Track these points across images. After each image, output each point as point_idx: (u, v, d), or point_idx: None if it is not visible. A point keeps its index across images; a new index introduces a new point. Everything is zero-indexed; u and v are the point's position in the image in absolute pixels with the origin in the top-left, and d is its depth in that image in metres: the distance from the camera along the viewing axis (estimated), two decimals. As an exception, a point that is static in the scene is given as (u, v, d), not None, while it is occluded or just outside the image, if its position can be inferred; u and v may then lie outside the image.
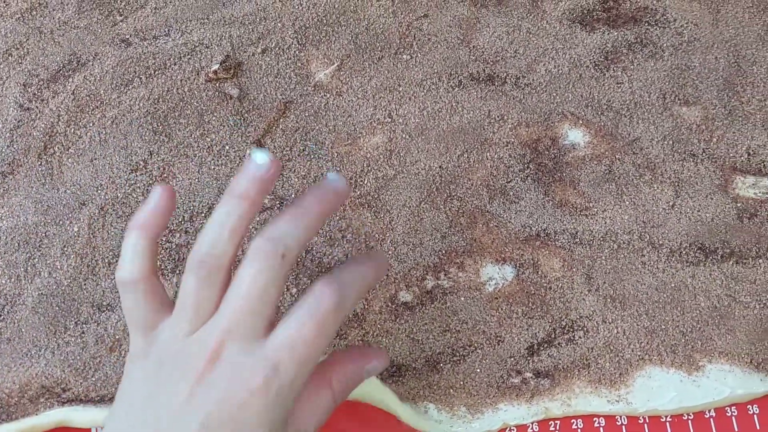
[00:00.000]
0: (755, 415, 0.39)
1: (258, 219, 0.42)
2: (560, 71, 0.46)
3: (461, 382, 0.39)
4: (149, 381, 0.31)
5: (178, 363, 0.30)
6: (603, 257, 0.41)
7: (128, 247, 0.32)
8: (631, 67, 0.46)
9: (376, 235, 0.42)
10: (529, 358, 0.39)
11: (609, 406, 0.38)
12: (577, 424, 0.39)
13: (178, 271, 0.41)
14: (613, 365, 0.39)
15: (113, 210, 0.42)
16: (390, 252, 0.41)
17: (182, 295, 0.31)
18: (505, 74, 0.46)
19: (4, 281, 0.41)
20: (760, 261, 0.41)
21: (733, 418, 0.39)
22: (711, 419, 0.39)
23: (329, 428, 0.36)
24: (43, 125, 0.44)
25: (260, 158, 0.31)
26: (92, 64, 0.46)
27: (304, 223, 0.31)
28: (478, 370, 0.39)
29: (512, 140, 0.44)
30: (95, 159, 0.43)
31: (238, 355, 0.29)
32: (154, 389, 0.30)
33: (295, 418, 0.31)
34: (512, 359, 0.39)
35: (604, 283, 0.41)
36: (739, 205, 0.42)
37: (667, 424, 0.39)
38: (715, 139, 0.44)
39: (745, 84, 0.45)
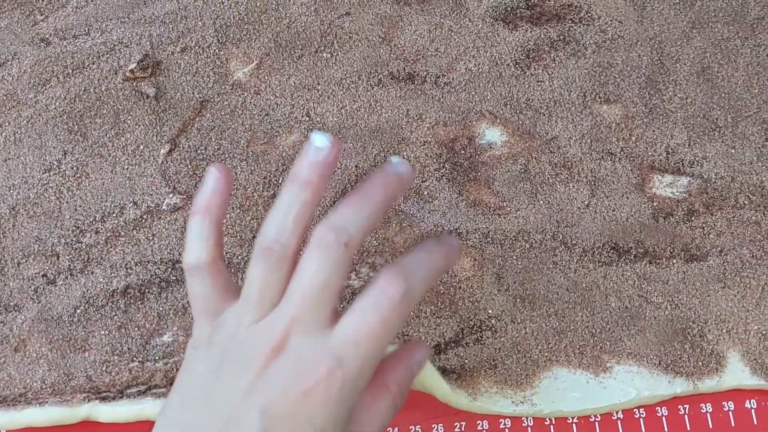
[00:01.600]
0: (663, 417, 0.39)
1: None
2: (480, 70, 0.45)
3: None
4: (212, 368, 0.30)
5: (243, 351, 0.30)
6: (514, 257, 0.41)
7: (193, 232, 0.32)
8: (553, 65, 0.45)
9: (287, 235, 0.41)
10: (436, 356, 0.39)
11: (513, 407, 0.38)
12: (482, 425, 0.38)
13: (86, 271, 0.41)
14: (520, 366, 0.39)
15: (24, 210, 0.42)
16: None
17: (248, 283, 0.31)
18: (425, 73, 0.45)
19: None
20: (674, 261, 0.41)
21: (641, 420, 0.39)
22: (618, 421, 0.39)
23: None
24: (-42, 125, 0.44)
25: (320, 141, 0.31)
26: (10, 64, 0.45)
27: (366, 211, 0.30)
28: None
29: (429, 139, 0.44)
30: (9, 159, 0.43)
31: (302, 345, 0.29)
32: (217, 376, 0.30)
33: (357, 425, 0.31)
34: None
35: (515, 282, 0.40)
36: (655, 204, 0.42)
37: (574, 425, 0.38)
38: (634, 138, 0.44)
39: (667, 82, 0.45)
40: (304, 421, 0.28)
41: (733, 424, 0.38)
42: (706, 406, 0.39)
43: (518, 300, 0.40)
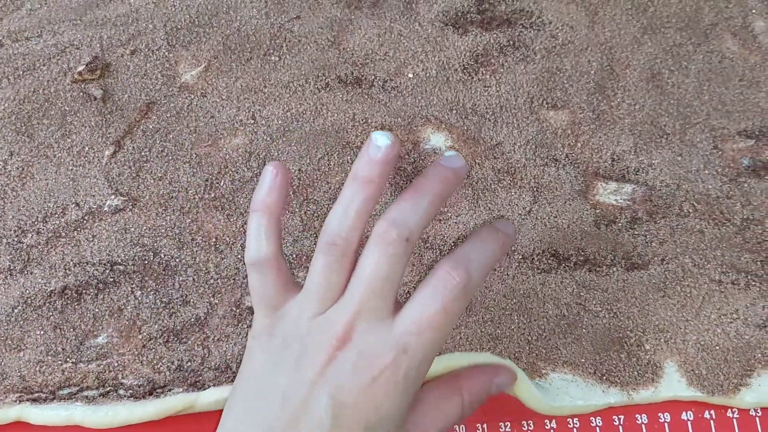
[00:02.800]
0: (597, 428, 0.38)
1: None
2: (428, 75, 0.45)
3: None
4: (275, 359, 0.31)
5: (308, 343, 0.30)
6: (453, 263, 0.41)
7: (252, 228, 0.33)
8: (501, 70, 0.45)
9: (227, 239, 0.41)
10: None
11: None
12: None
13: (26, 271, 0.41)
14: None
15: (-32, 210, 0.42)
16: (239, 256, 0.41)
17: (311, 276, 0.31)
18: (373, 77, 0.45)
19: None
20: (614, 269, 0.40)
21: (575, 430, 0.38)
22: (551, 430, 0.38)
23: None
24: None
25: (381, 140, 0.32)
26: (-38, 65, 0.46)
27: (424, 206, 0.31)
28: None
29: (374, 143, 0.43)
30: (-45, 159, 0.43)
31: (367, 335, 0.30)
32: (281, 367, 0.31)
33: (420, 419, 0.32)
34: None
35: (452, 289, 0.40)
36: (597, 211, 0.42)
37: (506, 433, 0.38)
38: (579, 144, 0.43)
39: (616, 88, 0.45)
40: (370, 408, 0.29)
41: (669, 436, 0.38)
42: (641, 417, 0.38)
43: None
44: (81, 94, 0.45)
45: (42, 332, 0.39)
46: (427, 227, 0.33)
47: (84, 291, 0.40)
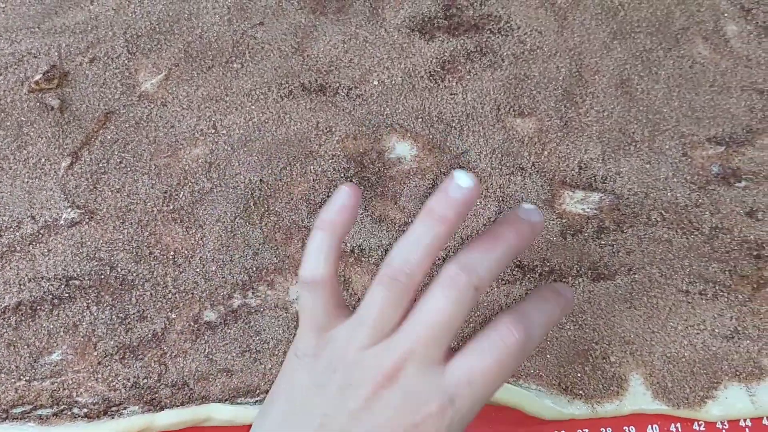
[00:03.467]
0: (563, 441, 0.37)
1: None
2: (393, 82, 0.44)
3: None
4: (318, 382, 0.30)
5: (353, 373, 0.30)
6: (417, 275, 0.40)
7: (313, 246, 0.32)
8: (468, 77, 0.44)
9: (185, 252, 0.40)
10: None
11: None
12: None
13: (-21, 288, 0.40)
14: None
15: None
16: (198, 269, 0.40)
17: (367, 307, 0.30)
18: (337, 84, 0.44)
19: None
20: (580, 280, 0.40)
21: (540, 443, 0.38)
22: (516, 444, 0.38)
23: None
24: None
25: (464, 180, 0.31)
26: None
27: (497, 256, 0.30)
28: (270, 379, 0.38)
29: (338, 153, 0.43)
30: None
31: (415, 378, 0.29)
32: (323, 391, 0.30)
33: None
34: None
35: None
36: (564, 221, 0.41)
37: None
38: (546, 152, 0.43)
39: (584, 94, 0.44)
40: None
41: (636, 449, 0.37)
42: (606, 431, 0.37)
43: (418, 319, 0.39)
44: (38, 104, 0.44)
45: (-5, 350, 0.39)
46: (496, 278, 0.31)
47: (39, 307, 0.39)
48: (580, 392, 0.38)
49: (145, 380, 0.38)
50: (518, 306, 0.31)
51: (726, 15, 0.46)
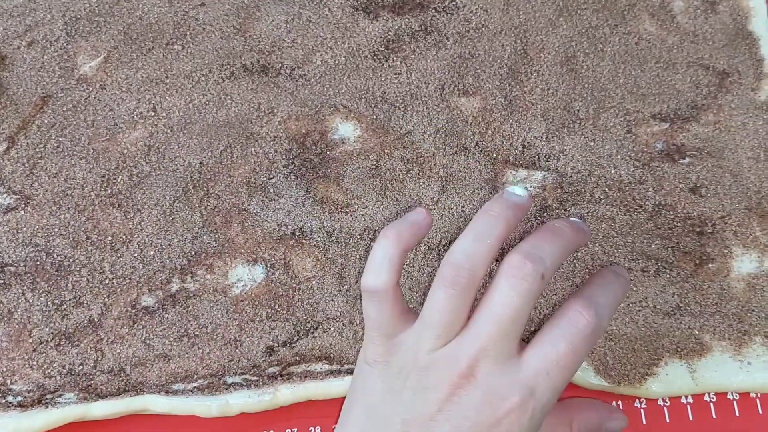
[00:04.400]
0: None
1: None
2: (337, 62, 0.44)
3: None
4: (392, 388, 0.30)
5: (427, 376, 0.30)
6: (358, 256, 0.39)
7: (378, 254, 0.32)
8: (412, 56, 0.44)
9: (123, 236, 0.40)
10: (267, 358, 0.37)
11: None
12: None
13: None
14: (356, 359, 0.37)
15: None
16: (136, 254, 0.39)
17: (431, 308, 0.30)
18: (280, 65, 0.44)
19: None
20: (522, 259, 0.39)
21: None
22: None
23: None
24: None
25: (518, 191, 0.33)
26: None
27: (560, 245, 0.31)
28: (207, 364, 0.37)
29: (280, 134, 0.42)
30: None
31: (492, 374, 0.29)
32: (398, 397, 0.30)
33: None
34: (248, 361, 0.37)
35: (356, 282, 0.39)
36: (507, 200, 0.41)
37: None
38: (490, 132, 0.42)
39: (529, 72, 0.43)
40: None
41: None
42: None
43: (358, 301, 0.38)
44: (-27, 88, 0.43)
45: (-72, 338, 0.38)
46: (557, 270, 0.31)
47: (-27, 294, 0.39)
48: (521, 371, 0.37)
49: (81, 367, 0.37)
50: (583, 290, 0.31)
51: (673, -9, 0.46)
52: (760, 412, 0.38)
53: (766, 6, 0.45)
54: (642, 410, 0.37)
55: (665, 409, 0.37)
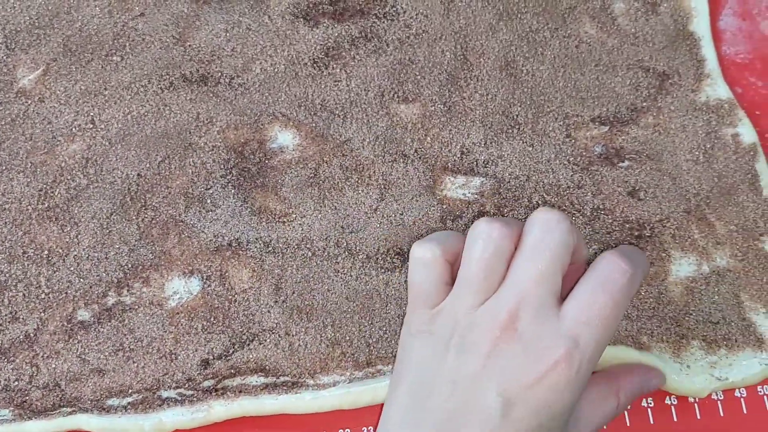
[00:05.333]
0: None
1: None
2: (276, 70, 0.43)
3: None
4: (437, 351, 0.30)
5: (470, 335, 0.29)
6: (295, 266, 0.39)
7: (442, 233, 0.32)
8: (352, 63, 0.44)
9: (60, 250, 0.40)
10: (202, 371, 0.37)
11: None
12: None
13: None
14: (293, 372, 0.37)
15: None
16: (72, 268, 0.39)
17: (468, 264, 0.30)
18: (219, 74, 0.44)
19: None
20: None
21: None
22: None
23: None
24: None
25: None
26: None
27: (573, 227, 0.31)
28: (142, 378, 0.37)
29: (218, 144, 0.42)
30: None
31: (533, 326, 0.28)
32: (444, 361, 0.29)
33: (580, 417, 0.31)
34: (183, 374, 0.37)
35: (293, 293, 0.39)
36: (444, 206, 0.40)
37: None
38: (429, 138, 0.42)
39: (469, 78, 0.43)
40: (541, 406, 0.28)
41: None
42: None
43: (295, 311, 0.38)
44: None
45: None
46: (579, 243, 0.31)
47: None
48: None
49: (16, 383, 0.37)
50: (617, 248, 0.31)
51: (615, -7, 0.46)
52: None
53: (707, 6, 0.45)
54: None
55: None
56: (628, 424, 0.37)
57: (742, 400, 0.38)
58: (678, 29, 0.45)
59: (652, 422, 0.38)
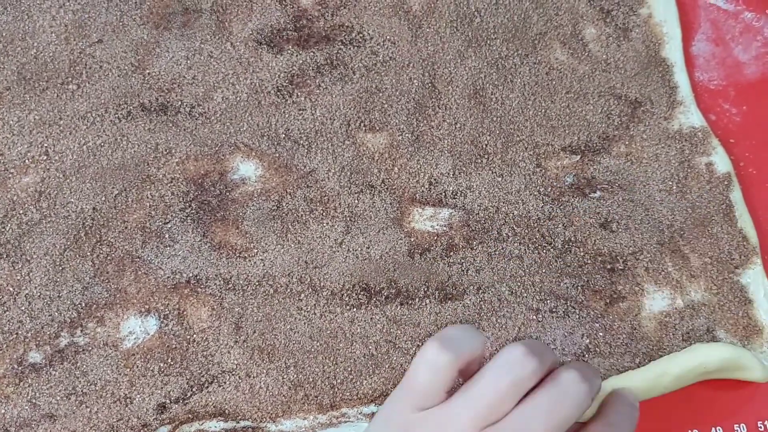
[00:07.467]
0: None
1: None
2: (238, 98, 0.42)
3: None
4: None
5: None
6: (256, 304, 0.38)
7: (463, 327, 0.31)
8: (317, 91, 0.42)
9: (11, 289, 0.38)
10: (158, 416, 0.36)
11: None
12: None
13: None
14: (254, 416, 0.36)
15: None
16: (23, 307, 0.37)
17: (480, 390, 0.29)
18: (179, 103, 0.42)
19: None
20: (427, 301, 0.38)
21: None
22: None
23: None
24: None
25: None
26: None
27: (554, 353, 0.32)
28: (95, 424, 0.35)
29: (178, 176, 0.40)
30: None
31: None
32: None
33: None
34: (138, 419, 0.36)
35: (254, 332, 0.37)
36: (412, 239, 0.39)
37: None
38: (396, 169, 0.41)
39: (437, 106, 0.42)
40: None
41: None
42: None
43: (256, 352, 0.37)
44: None
45: None
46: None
47: None
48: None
49: (-39, 430, 0.35)
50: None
51: (585, 18, 0.45)
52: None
53: (679, 31, 0.44)
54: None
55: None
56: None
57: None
58: (650, 55, 0.44)
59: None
